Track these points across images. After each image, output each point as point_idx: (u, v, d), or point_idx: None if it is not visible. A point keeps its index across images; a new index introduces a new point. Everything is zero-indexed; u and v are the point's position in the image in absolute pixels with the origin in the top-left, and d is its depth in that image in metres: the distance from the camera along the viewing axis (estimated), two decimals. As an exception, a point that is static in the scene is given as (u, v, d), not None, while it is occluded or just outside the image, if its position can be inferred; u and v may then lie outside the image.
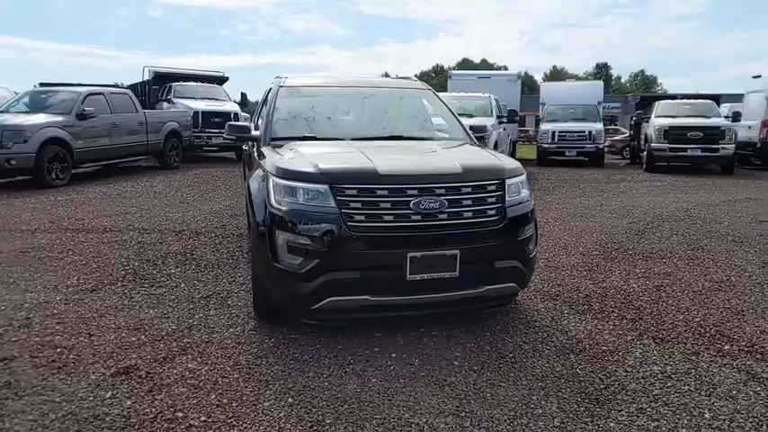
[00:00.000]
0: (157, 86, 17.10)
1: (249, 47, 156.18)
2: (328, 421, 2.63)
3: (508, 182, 3.52)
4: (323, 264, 3.22)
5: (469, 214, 3.35)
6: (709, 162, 14.24)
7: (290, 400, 2.82)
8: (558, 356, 3.34)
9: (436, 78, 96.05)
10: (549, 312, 4.07)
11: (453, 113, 4.98)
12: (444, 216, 3.29)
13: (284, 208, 3.34)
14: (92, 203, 8.52)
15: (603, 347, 3.46)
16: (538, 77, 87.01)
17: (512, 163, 3.77)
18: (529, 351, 3.41)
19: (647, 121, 15.24)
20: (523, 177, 3.69)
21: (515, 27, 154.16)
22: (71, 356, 3.31)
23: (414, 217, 3.26)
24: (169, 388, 2.95)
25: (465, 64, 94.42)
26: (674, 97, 17.19)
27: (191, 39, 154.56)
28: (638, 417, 2.69)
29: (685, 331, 3.72)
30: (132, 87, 16.71)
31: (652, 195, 10.26)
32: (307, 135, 4.33)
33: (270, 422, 2.63)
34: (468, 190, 3.38)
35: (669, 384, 3.00)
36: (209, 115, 15.00)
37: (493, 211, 3.41)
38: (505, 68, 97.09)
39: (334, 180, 3.30)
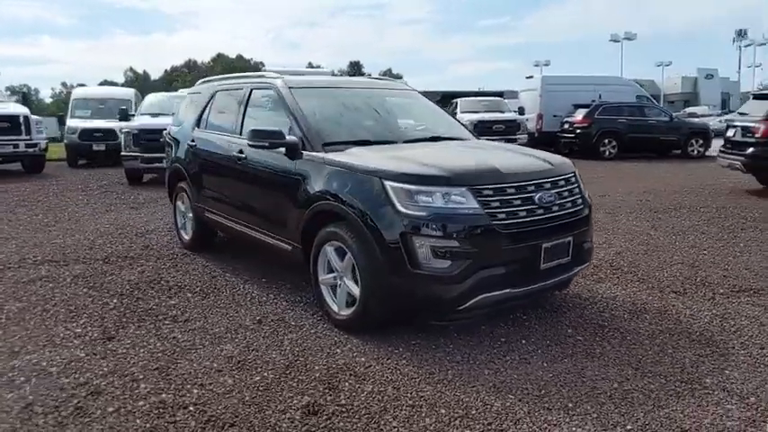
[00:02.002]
0: None
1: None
2: (510, 401, 2.82)
3: (577, 173, 4.02)
4: (474, 264, 3.30)
5: (569, 204, 3.76)
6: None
7: (473, 393, 2.92)
8: (634, 318, 3.97)
9: (191, 75, 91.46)
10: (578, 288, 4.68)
11: (448, 112, 5.27)
12: (557, 208, 3.64)
13: (422, 213, 3.31)
14: None
15: (654, 306, 4.21)
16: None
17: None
18: (609, 317, 3.97)
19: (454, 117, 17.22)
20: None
21: (256, 23, 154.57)
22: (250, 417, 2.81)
23: (538, 211, 3.54)
24: (379, 416, 2.77)
25: (221, 59, 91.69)
26: (467, 95, 19.68)
27: None
28: (728, 341, 3.45)
29: (685, 284, 4.70)
30: None
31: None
32: (361, 139, 4.19)
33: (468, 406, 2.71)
34: (563, 183, 3.78)
35: (727, 322, 3.86)
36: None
37: (580, 200, 3.88)
38: (262, 64, 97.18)
39: (470, 181, 3.39)
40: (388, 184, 3.42)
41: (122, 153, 10.95)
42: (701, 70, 62.93)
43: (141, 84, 71.85)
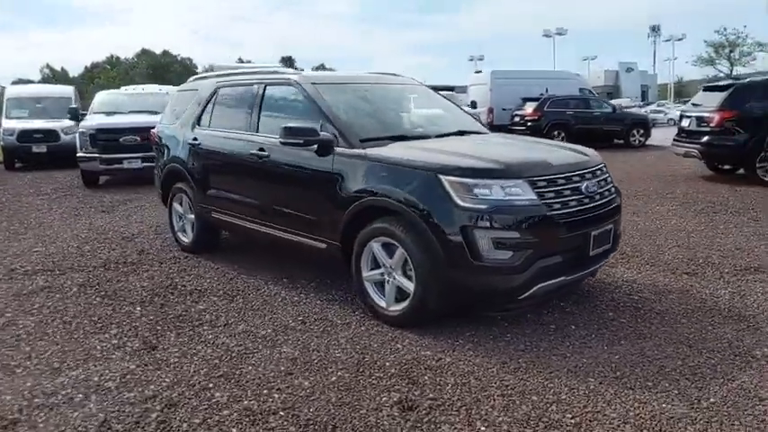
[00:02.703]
0: None
1: None
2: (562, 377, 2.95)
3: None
4: (535, 254, 3.39)
5: (607, 192, 3.91)
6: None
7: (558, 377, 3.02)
8: (662, 299, 4.19)
9: (114, 71, 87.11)
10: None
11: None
12: (599, 197, 3.78)
13: (482, 206, 3.35)
14: None
15: (674, 287, 4.46)
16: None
17: None
18: (639, 299, 4.18)
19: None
20: None
21: (181, 18, 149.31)
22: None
23: (585, 200, 3.66)
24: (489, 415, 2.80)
25: (146, 55, 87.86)
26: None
27: None
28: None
29: (691, 266, 5.00)
30: None
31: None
32: (396, 134, 4.17)
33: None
34: (599, 173, 3.93)
35: (746, 299, 4.15)
36: None
37: (613, 188, 4.04)
38: (190, 60, 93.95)
39: (526, 173, 3.47)
40: (444, 178, 3.44)
41: (78, 154, 10.31)
42: (622, 64, 66.49)
43: (59, 81, 67.77)
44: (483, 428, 2.58)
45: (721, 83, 10.21)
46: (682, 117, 10.41)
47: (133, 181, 10.65)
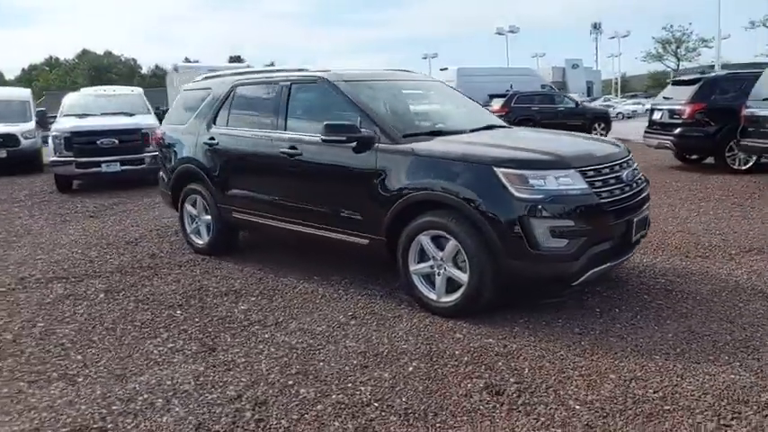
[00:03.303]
0: None
1: None
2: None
3: (630, 154, 4.40)
4: (588, 241, 3.54)
5: (640, 181, 4.11)
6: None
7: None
8: (687, 280, 4.43)
9: (54, 72, 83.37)
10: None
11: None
12: (635, 185, 3.97)
13: (539, 196, 3.47)
14: None
15: (693, 269, 4.72)
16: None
17: None
18: (667, 282, 4.40)
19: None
20: None
21: (123, 17, 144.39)
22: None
23: (626, 188, 3.84)
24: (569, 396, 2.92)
25: (87, 56, 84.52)
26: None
27: None
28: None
29: (700, 249, 5.29)
30: None
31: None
32: (435, 129, 4.24)
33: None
34: (631, 162, 4.12)
35: (762, 277, 4.44)
36: None
37: (642, 176, 4.25)
38: (134, 61, 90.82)
39: (576, 163, 3.62)
40: (499, 170, 3.54)
41: (51, 159, 9.89)
42: (569, 60, 68.54)
43: (-5, 83, 64.34)
44: (577, 407, 2.70)
45: (689, 77, 10.75)
46: (653, 110, 10.91)
47: (110, 185, 10.32)
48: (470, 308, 3.74)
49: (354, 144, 4.12)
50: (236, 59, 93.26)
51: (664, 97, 10.83)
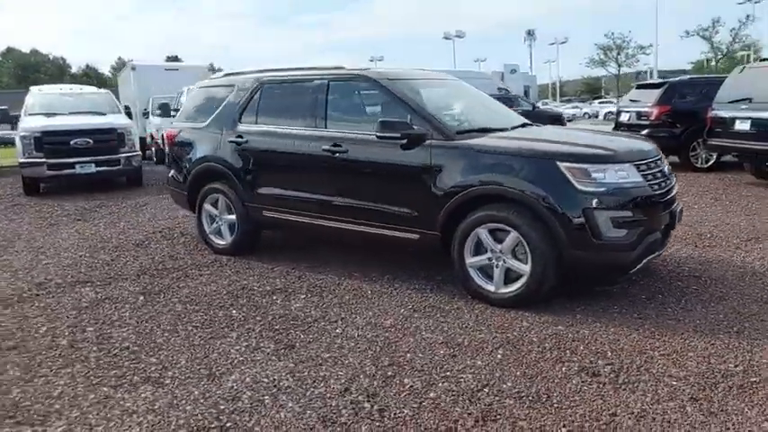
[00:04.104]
0: None
1: None
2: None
3: (657, 150, 4.70)
4: (644, 231, 3.77)
5: (672, 175, 4.39)
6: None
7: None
8: (708, 268, 4.77)
9: (-28, 70, 77.82)
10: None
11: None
12: (671, 179, 4.25)
13: (601, 189, 3.67)
14: None
15: (708, 257, 5.07)
16: (104, 70, 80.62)
17: None
18: (691, 270, 4.73)
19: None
20: None
21: (50, 14, 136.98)
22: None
23: (667, 182, 4.10)
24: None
25: (11, 54, 79.50)
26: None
27: None
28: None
29: (706, 239, 5.69)
30: None
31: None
32: (482, 127, 4.37)
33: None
34: (663, 157, 4.41)
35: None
36: None
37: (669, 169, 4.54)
38: (63, 60, 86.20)
39: (631, 158, 3.85)
40: (562, 165, 3.71)
41: (21, 160, 9.35)
42: (507, 65, 70.78)
43: None
44: (674, 383, 2.89)
45: (653, 81, 11.43)
46: (620, 112, 11.52)
47: (82, 188, 9.87)
48: (531, 297, 3.88)
49: (405, 141, 4.19)
50: (173, 58, 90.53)
51: (630, 100, 11.45)
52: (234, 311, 4.06)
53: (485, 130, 4.35)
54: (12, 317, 4.08)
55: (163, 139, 13.81)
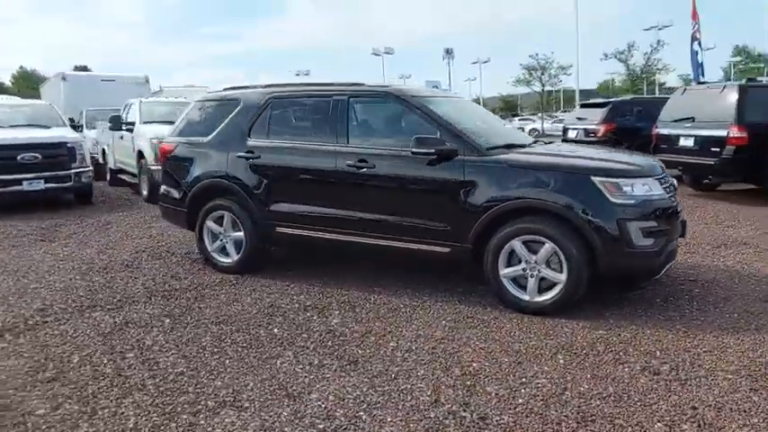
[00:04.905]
0: None
1: None
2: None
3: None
4: (667, 239, 4.10)
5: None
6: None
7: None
8: (706, 270, 5.23)
9: None
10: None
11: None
12: (676, 192, 4.63)
13: (631, 201, 3.96)
14: None
15: (704, 263, 5.54)
16: (5, 79, 74.78)
17: None
18: (699, 274, 5.15)
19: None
20: None
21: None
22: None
23: (675, 195, 4.48)
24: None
25: None
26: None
27: None
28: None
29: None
30: None
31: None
32: (508, 143, 4.57)
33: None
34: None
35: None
36: None
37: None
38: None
39: (653, 172, 4.19)
40: (596, 179, 3.98)
41: (-41, 177, 8.54)
42: (429, 82, 72.96)
43: None
44: (730, 376, 3.17)
45: (597, 101, 12.27)
46: (566, 130, 12.26)
47: (27, 206, 9.14)
48: (565, 304, 4.10)
49: (436, 157, 4.31)
50: (81, 69, 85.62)
51: (577, 118, 12.22)
52: (275, 330, 3.98)
53: (510, 146, 4.56)
54: (30, 346, 3.77)
55: (103, 153, 13.15)
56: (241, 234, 5.23)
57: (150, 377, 3.30)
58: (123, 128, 10.45)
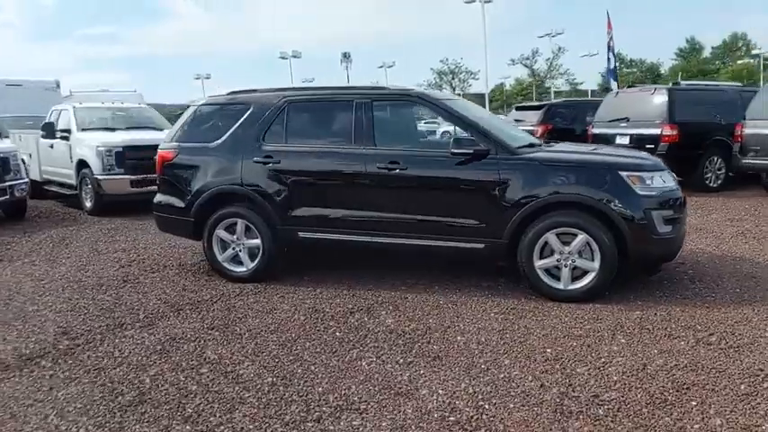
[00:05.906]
0: None
1: None
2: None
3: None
4: (682, 226, 4.57)
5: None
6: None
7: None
8: (724, 263, 5.81)
9: None
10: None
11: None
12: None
13: (654, 193, 4.38)
14: None
15: (717, 253, 6.13)
16: None
17: None
18: (714, 265, 5.70)
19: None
20: None
21: None
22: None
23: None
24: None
25: None
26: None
27: None
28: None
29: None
30: None
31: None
32: (528, 143, 4.83)
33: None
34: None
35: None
36: None
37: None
38: None
39: (665, 167, 4.63)
40: (623, 174, 4.35)
41: None
42: (333, 87, 73.48)
43: None
44: (772, 343, 3.63)
45: (532, 103, 13.05)
46: (504, 130, 12.93)
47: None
48: (598, 291, 4.43)
49: (471, 156, 4.50)
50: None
51: (515, 120, 12.92)
52: (338, 333, 3.96)
53: (531, 145, 4.84)
54: (81, 370, 3.47)
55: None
56: (257, 241, 5.09)
57: (243, 390, 3.19)
58: (60, 135, 9.62)
